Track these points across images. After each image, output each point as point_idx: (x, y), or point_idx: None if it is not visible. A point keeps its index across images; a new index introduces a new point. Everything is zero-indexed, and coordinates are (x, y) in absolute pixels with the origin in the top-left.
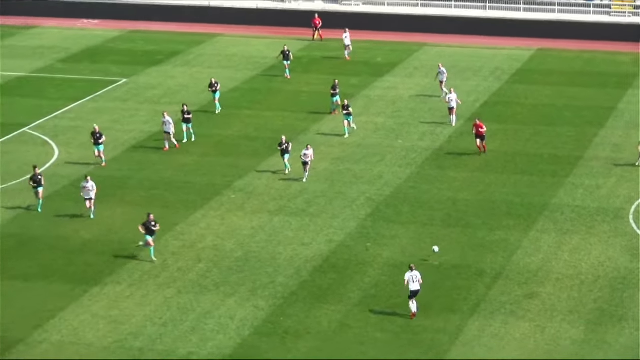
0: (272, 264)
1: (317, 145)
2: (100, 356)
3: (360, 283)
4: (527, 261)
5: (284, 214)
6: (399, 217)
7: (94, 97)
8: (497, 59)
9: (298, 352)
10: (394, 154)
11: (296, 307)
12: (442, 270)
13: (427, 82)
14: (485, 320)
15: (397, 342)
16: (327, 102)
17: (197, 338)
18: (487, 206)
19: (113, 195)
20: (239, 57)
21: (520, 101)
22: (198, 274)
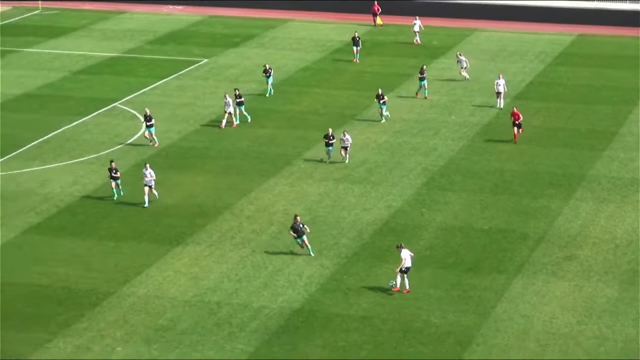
0: (336, 227)
1: (379, 120)
2: (182, 308)
3: (416, 245)
4: (566, 226)
5: (347, 182)
6: (451, 186)
7: (178, 75)
8: (541, 43)
9: (359, 307)
10: (448, 128)
11: (358, 266)
12: (490, 234)
13: (477, 64)
14: (528, 280)
15: (448, 298)
16: (388, 82)
17: (269, 293)
18: (531, 176)
19: (194, 165)
20: (308, 40)
21: (562, 82)
22: (270, 236)
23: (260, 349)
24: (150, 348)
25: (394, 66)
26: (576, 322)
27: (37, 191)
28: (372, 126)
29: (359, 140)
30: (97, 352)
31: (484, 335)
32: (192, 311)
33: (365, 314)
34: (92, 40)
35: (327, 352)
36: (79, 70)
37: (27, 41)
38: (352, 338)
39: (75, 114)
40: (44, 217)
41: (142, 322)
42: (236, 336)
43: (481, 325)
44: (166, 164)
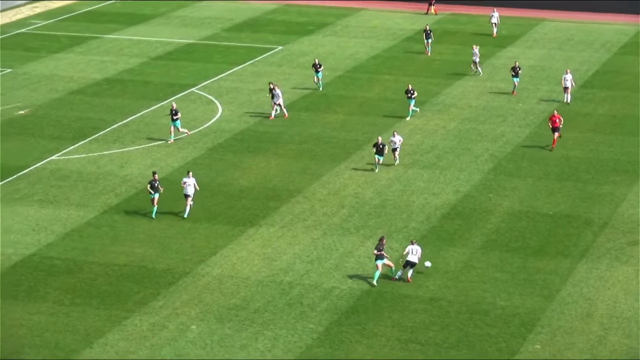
0: (405, 211)
1: (448, 107)
2: (255, 288)
3: (483, 229)
4: (631, 212)
5: (417, 167)
6: (518, 172)
7: (253, 62)
8: (607, 33)
9: (427, 289)
10: (515, 115)
11: (426, 249)
12: (556, 219)
13: (544, 53)
14: (592, 264)
15: (514, 281)
16: (457, 69)
17: (340, 274)
18: (596, 163)
19: (268, 149)
20: (379, 29)
21: (628, 70)
22: (341, 218)
23: (331, 328)
24: (223, 326)
25: (463, 54)
26: (639, 306)
27: (116, 173)
28: (441, 112)
29: (429, 126)
30: (172, 330)
31: (549, 317)
32: (264, 291)
33: (433, 296)
34: (170, 27)
35: (396, 332)
36: (157, 56)
37: (107, 28)
38: (419, 319)
39: (153, 99)
40: (122, 199)
41: (216, 301)
42: (307, 316)
43: (546, 308)
44: (242, 148)
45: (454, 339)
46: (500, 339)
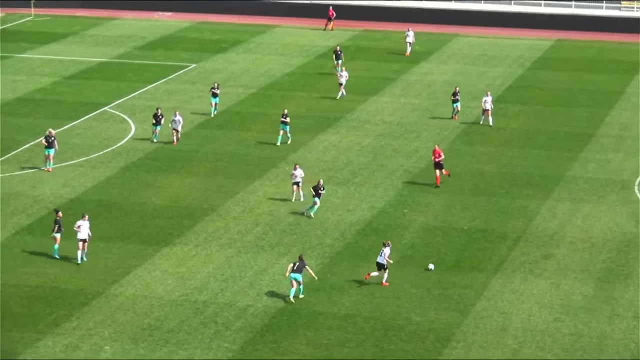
0: (320, 228)
1: (362, 124)
2: (169, 308)
3: (398, 245)
4: (544, 226)
5: (332, 184)
6: (432, 187)
7: (167, 80)
8: (521, 48)
9: (342, 306)
10: (429, 131)
11: (341, 266)
12: (470, 234)
13: (458, 68)
14: (507, 278)
15: (429, 296)
16: (371, 86)
17: (254, 292)
18: (510, 177)
19: (182, 167)
20: (293, 46)
21: (541, 85)
22: (256, 236)
23: (246, 347)
24: (137, 346)
25: (376, 70)
26: (553, 319)
27: (28, 193)
28: (356, 129)
29: (343, 143)
30: (85, 351)
31: (464, 332)
32: (178, 310)
33: (348, 312)
34: (83, 46)
35: (311, 349)
36: (70, 75)
37: (20, 47)
38: (335, 336)
39: (66, 118)
40: (34, 219)
41: (129, 321)
42: (222, 334)
43: (461, 322)
44: (155, 166)
45: (369, 356)
46: (415, 354)
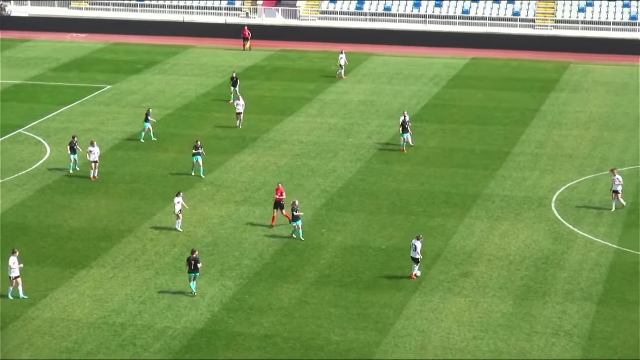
0: (238, 248)
1: (279, 144)
2: (87, 330)
3: (316, 264)
4: (462, 244)
5: (248, 204)
6: (349, 206)
7: (82, 101)
8: (436, 66)
9: (261, 326)
10: (346, 150)
11: (260, 286)
12: (388, 253)
13: (374, 87)
14: (425, 297)
15: (348, 316)
16: (287, 105)
17: (172, 314)
18: (427, 196)
19: (98, 189)
20: (209, 66)
21: (456, 103)
22: (173, 257)
23: None
24: None
25: (292, 90)
26: (472, 337)
27: None
28: (272, 149)
29: (260, 163)
30: None
31: (384, 351)
32: (96, 333)
33: (267, 333)
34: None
35: None
36: None
37: None
38: (254, 356)
39: None
40: None
41: (47, 344)
42: (140, 357)
43: (380, 341)
44: (71, 189)
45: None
46: None
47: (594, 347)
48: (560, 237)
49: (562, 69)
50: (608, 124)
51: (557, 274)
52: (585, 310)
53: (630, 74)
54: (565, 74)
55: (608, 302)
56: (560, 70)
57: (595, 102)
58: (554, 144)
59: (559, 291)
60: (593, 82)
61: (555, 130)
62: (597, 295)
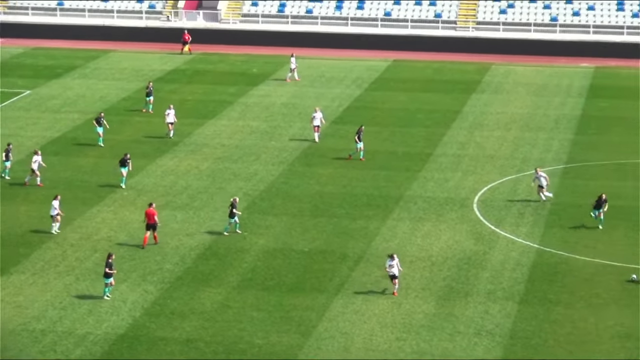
0: (159, 253)
1: (200, 147)
2: (7, 338)
3: (239, 268)
4: (384, 246)
5: (170, 208)
6: (272, 209)
7: (1, 107)
8: (358, 69)
9: (183, 331)
10: (268, 153)
11: (181, 291)
12: (311, 255)
13: (296, 90)
14: (348, 299)
15: (271, 319)
16: (209, 109)
17: (94, 320)
18: (350, 198)
19: (17, 195)
20: (130, 70)
21: (378, 106)
22: (94, 263)
23: None
24: None
25: (214, 94)
26: (395, 338)
27: None
28: (194, 153)
29: (182, 167)
30: None
31: (306, 354)
32: (16, 340)
33: (189, 337)
34: None
35: None
36: None
37: None
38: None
39: None
40: None
41: None
42: None
43: (303, 344)
44: None
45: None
46: None
47: (516, 346)
48: (482, 238)
49: (484, 71)
50: (529, 125)
51: (480, 274)
52: (507, 310)
53: (550, 75)
54: (486, 76)
55: (529, 301)
56: (482, 72)
57: (516, 103)
58: (476, 145)
59: (481, 291)
60: (514, 84)
61: (477, 132)
62: (519, 294)
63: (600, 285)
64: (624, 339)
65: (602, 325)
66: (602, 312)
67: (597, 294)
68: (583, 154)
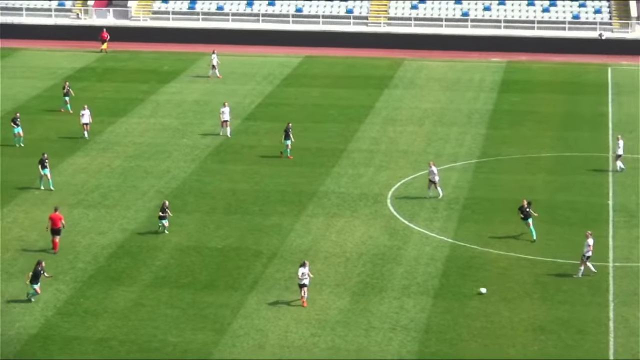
0: (72, 252)
1: (112, 145)
2: None
3: (152, 266)
4: (298, 242)
5: (82, 207)
6: (185, 207)
7: None
8: (270, 65)
9: (97, 330)
10: (180, 151)
11: (94, 290)
12: (224, 253)
13: (207, 87)
14: (262, 295)
15: (185, 317)
16: (120, 107)
17: (6, 320)
18: (263, 195)
19: None
20: (40, 68)
21: (291, 102)
22: (5, 263)
23: None
24: None
25: (124, 91)
26: (310, 334)
27: None
28: (106, 151)
29: (93, 165)
30: None
31: (221, 351)
32: None
33: (103, 336)
34: None
35: None
36: None
37: None
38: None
39: None
40: None
41: None
42: None
43: (218, 342)
44: None
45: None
46: None
47: (431, 340)
48: (396, 233)
49: (396, 66)
50: (442, 120)
51: (394, 269)
52: (422, 305)
53: (462, 70)
54: (399, 71)
55: (444, 295)
56: (394, 67)
57: (429, 98)
58: (389, 140)
59: (396, 286)
60: (427, 79)
61: (390, 127)
62: (434, 289)
63: (513, 279)
64: (537, 332)
65: (516, 318)
66: (515, 306)
67: (511, 288)
68: (496, 148)
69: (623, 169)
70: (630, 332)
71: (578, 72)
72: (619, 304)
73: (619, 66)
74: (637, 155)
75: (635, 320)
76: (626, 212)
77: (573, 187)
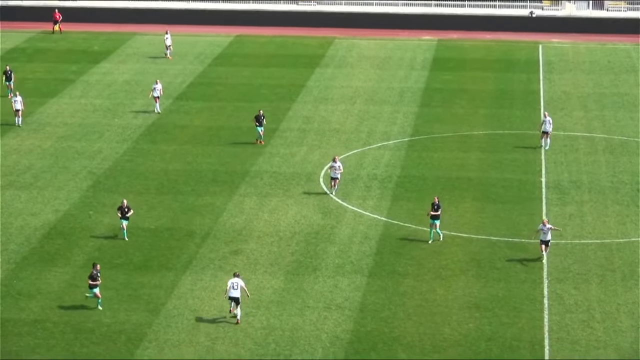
0: (4, 234)
1: (43, 126)
2: None
3: (85, 247)
4: (232, 222)
5: (13, 188)
6: (117, 188)
7: None
8: (200, 44)
9: (31, 311)
10: (112, 131)
11: (28, 271)
12: (157, 233)
13: (138, 67)
14: (196, 275)
15: (119, 297)
16: (50, 88)
17: None
18: (195, 175)
19: None
20: None
21: (222, 81)
22: None
23: None
24: None
25: (55, 72)
26: (244, 313)
27: None
28: (37, 132)
29: (24, 146)
30: None
31: (156, 332)
32: None
33: (37, 318)
34: None
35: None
36: None
37: None
38: (24, 342)
39: None
40: None
41: None
42: None
43: (152, 322)
44: None
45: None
46: (107, 355)
47: (366, 319)
48: (330, 212)
49: (327, 45)
50: (373, 98)
51: (328, 248)
52: (356, 284)
53: (393, 49)
54: (330, 50)
55: (378, 274)
56: (325, 46)
57: (360, 76)
58: (321, 119)
59: (330, 265)
60: (358, 57)
61: (322, 106)
62: (368, 268)
63: (447, 257)
64: (472, 309)
65: (450, 296)
66: (450, 283)
67: (445, 265)
68: (428, 126)
69: (546, 146)
70: (564, 309)
71: (509, 50)
72: (553, 281)
73: (550, 44)
74: (569, 132)
75: (569, 297)
76: (559, 189)
77: (506, 164)
